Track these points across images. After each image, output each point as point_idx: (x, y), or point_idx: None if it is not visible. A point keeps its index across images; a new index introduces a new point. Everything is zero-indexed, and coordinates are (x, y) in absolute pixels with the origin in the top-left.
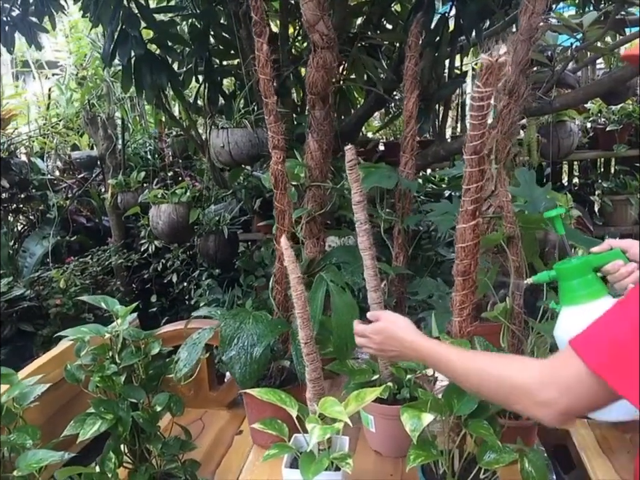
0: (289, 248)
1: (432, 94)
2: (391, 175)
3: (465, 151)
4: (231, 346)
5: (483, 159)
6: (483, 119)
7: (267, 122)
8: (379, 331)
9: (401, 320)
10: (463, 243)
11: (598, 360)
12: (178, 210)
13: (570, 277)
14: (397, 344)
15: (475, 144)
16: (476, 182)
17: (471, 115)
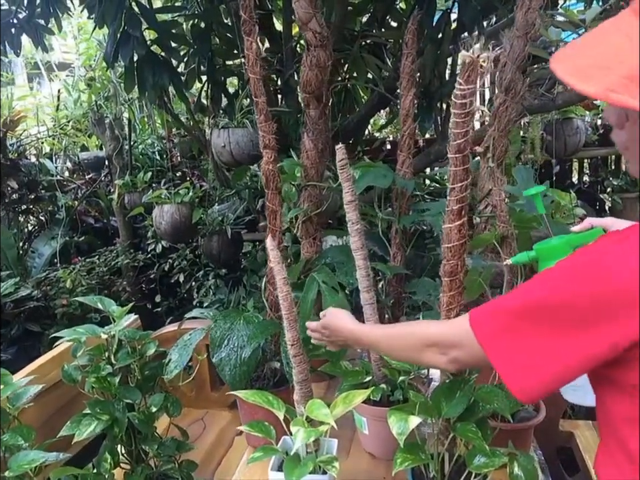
0: (274, 249)
1: (434, 91)
2: (386, 174)
3: (448, 149)
4: (221, 347)
5: (467, 158)
6: (466, 116)
7: (257, 121)
8: (325, 326)
9: (342, 313)
10: (449, 243)
11: (485, 332)
12: (181, 210)
13: (550, 257)
14: (341, 334)
15: (459, 142)
16: (461, 181)
17: (453, 112)
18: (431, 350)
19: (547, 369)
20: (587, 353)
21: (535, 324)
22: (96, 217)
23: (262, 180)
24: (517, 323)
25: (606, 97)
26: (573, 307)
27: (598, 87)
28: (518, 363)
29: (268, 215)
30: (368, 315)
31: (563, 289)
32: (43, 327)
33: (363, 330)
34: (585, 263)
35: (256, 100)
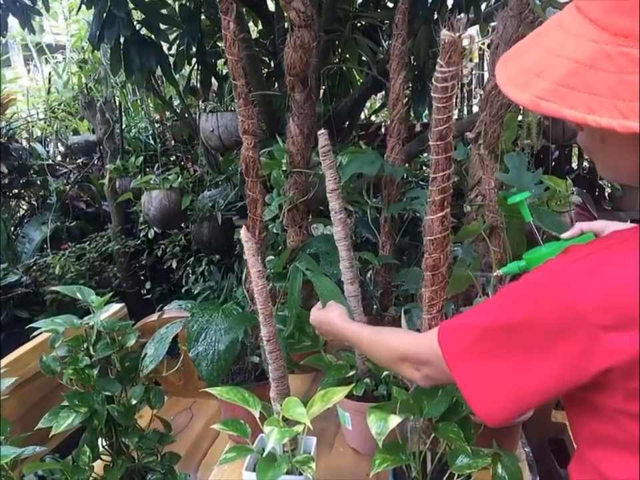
0: (249, 240)
1: (428, 74)
2: (374, 161)
3: (430, 136)
4: (198, 342)
5: (449, 145)
6: (447, 101)
7: (237, 105)
8: (315, 319)
9: (335, 308)
10: (431, 236)
11: (450, 351)
12: (169, 196)
13: None
14: (330, 328)
15: (440, 129)
16: (443, 170)
17: (434, 97)
18: (405, 363)
19: (514, 392)
20: (557, 376)
21: (501, 343)
22: (88, 202)
23: (241, 167)
24: (484, 342)
25: (536, 106)
26: (539, 326)
27: (528, 94)
28: (483, 385)
29: (248, 204)
30: (352, 307)
31: (529, 306)
32: (32, 313)
33: (349, 329)
34: (551, 278)
35: (234, 83)
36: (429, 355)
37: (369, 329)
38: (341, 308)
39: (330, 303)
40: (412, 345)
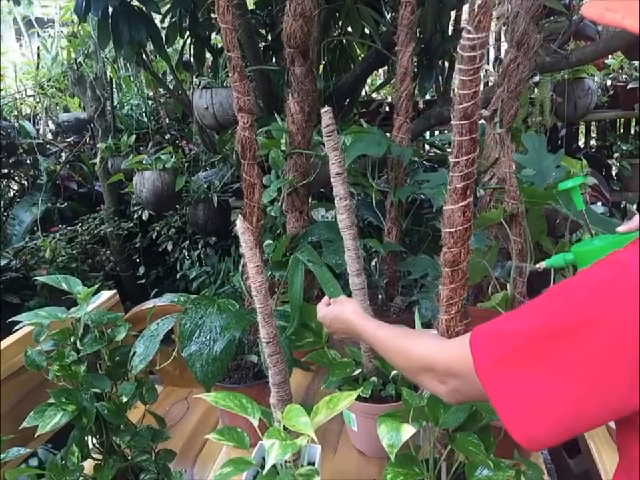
0: (246, 232)
1: (435, 48)
2: (380, 141)
3: (453, 114)
4: (192, 340)
5: (475, 125)
6: (474, 73)
7: (230, 80)
8: (325, 315)
9: (348, 303)
10: (451, 228)
11: (484, 361)
12: (163, 177)
13: (590, 262)
14: (343, 326)
15: (466, 106)
16: (467, 154)
17: (459, 69)
18: (428, 375)
19: (563, 413)
20: (621, 396)
21: (550, 352)
22: (79, 182)
23: (237, 148)
24: (527, 351)
25: (601, 17)
26: (604, 331)
27: (599, 7)
28: (524, 404)
29: (245, 189)
30: (358, 300)
31: (590, 306)
32: (22, 298)
33: (365, 327)
34: (622, 274)
35: (229, 55)
36: (457, 365)
37: (388, 329)
38: (353, 303)
39: (341, 297)
40: (438, 352)
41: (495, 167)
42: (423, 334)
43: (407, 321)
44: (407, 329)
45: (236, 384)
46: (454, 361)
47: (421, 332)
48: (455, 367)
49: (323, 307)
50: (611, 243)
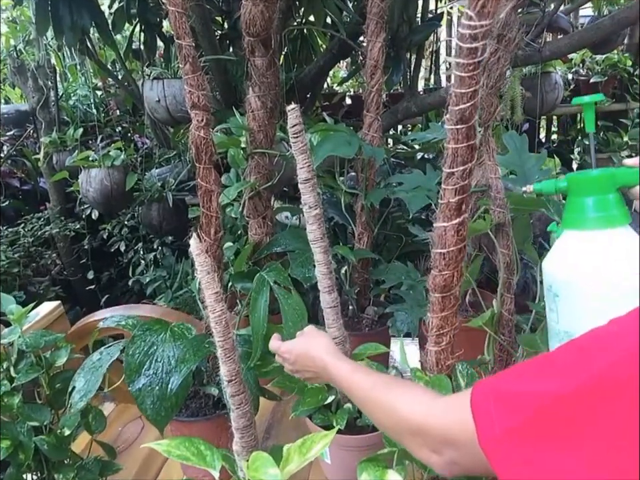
0: (201, 254)
1: (403, 39)
2: (351, 141)
3: (447, 118)
4: (141, 373)
5: (473, 130)
6: (474, 69)
7: (182, 72)
8: (291, 350)
9: (320, 338)
10: (443, 249)
11: (490, 431)
12: (112, 175)
13: (584, 192)
14: (311, 364)
15: (463, 107)
16: (463, 163)
17: (457, 63)
18: (417, 440)
19: None
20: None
21: (577, 423)
22: (22, 179)
23: (191, 151)
24: (548, 420)
25: None
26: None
27: None
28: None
29: (200, 197)
30: (330, 320)
31: (605, 373)
32: None
33: (340, 370)
34: None
35: (179, 43)
36: (455, 432)
37: (366, 374)
38: (326, 338)
39: (309, 328)
40: (431, 414)
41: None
42: (411, 386)
43: (381, 333)
44: (390, 376)
45: (193, 416)
46: (451, 427)
47: (409, 383)
48: (451, 434)
49: (276, 342)
50: (609, 176)
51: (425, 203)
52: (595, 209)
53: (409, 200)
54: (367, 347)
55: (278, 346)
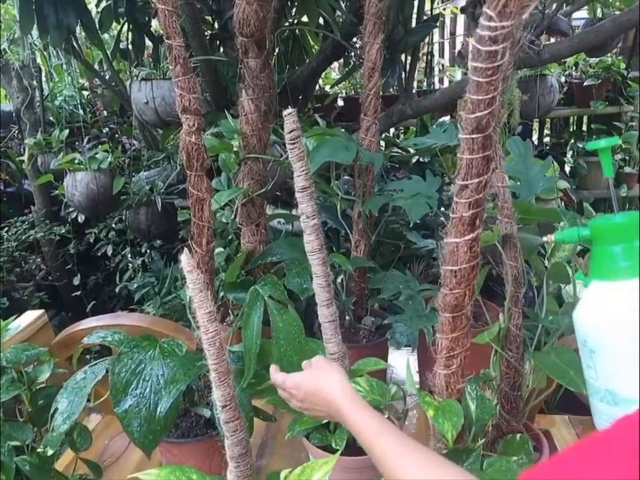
0: (193, 270)
1: (398, 41)
2: (348, 145)
3: (461, 126)
4: (127, 393)
5: (490, 140)
6: (493, 73)
7: (172, 74)
8: (299, 385)
9: (331, 373)
10: (454, 265)
11: None
12: (98, 178)
13: (610, 240)
14: (323, 404)
15: (480, 116)
16: (478, 175)
17: (475, 67)
18: None
19: None
20: None
21: None
22: (6, 182)
23: (181, 157)
24: None
25: None
26: None
27: None
28: None
29: (192, 205)
30: (329, 335)
31: None
32: None
33: (361, 426)
34: None
35: (169, 43)
36: None
37: (396, 438)
38: (339, 373)
39: (318, 360)
40: None
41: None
42: (447, 466)
43: (379, 345)
44: (421, 447)
45: (184, 437)
46: None
47: (445, 462)
48: None
49: (280, 375)
50: (635, 222)
51: (425, 211)
52: (624, 258)
53: (410, 208)
54: (367, 363)
55: (282, 380)
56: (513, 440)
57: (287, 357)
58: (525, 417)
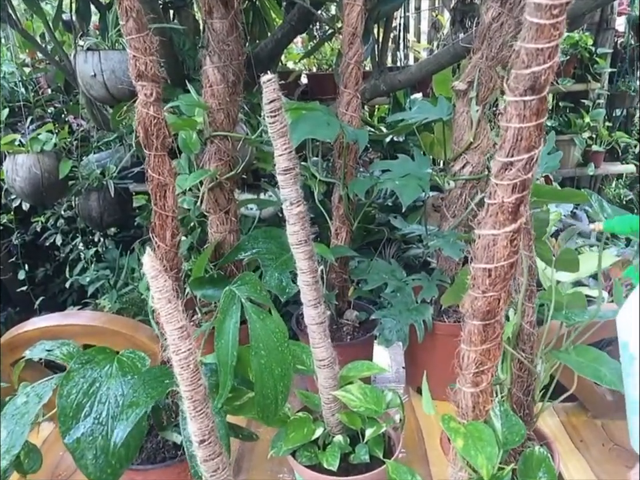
0: (159, 276)
1: (371, 10)
2: (330, 121)
3: (507, 85)
4: (79, 419)
5: (544, 104)
6: (560, 12)
7: (124, 31)
8: None
9: None
10: (489, 263)
11: None
12: (42, 162)
13: None
14: None
15: (537, 71)
16: (528, 149)
17: (536, 5)
18: None
19: None
20: None
21: None
22: None
23: (137, 134)
24: None
25: None
26: None
27: None
28: None
29: (152, 192)
30: (317, 339)
31: None
32: None
33: None
34: None
35: None
36: None
37: None
38: None
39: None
40: None
41: (468, 153)
42: None
43: (365, 343)
44: None
45: (149, 461)
46: None
47: None
48: None
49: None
50: None
51: (418, 193)
52: None
53: (401, 191)
54: (358, 367)
55: None
56: (532, 455)
57: (267, 369)
58: (536, 422)
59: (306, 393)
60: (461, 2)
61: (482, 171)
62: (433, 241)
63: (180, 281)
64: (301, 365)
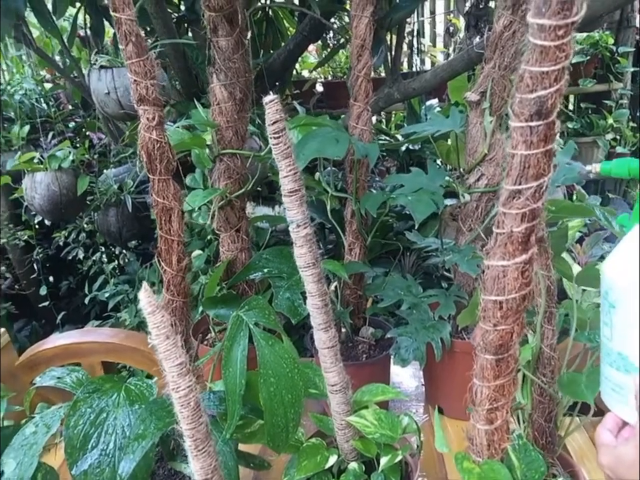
0: (156, 311)
1: (383, 17)
2: (339, 137)
3: (512, 110)
4: (86, 450)
5: (552, 129)
6: (566, 34)
7: (124, 55)
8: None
9: None
10: (499, 295)
11: None
12: (60, 179)
13: None
14: None
15: (542, 95)
16: (536, 177)
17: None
18: None
19: None
20: None
21: None
22: None
23: (141, 157)
24: None
25: None
26: None
27: None
28: None
29: (157, 216)
30: (328, 363)
31: None
32: None
33: None
34: None
35: (116, 16)
36: None
37: None
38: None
39: None
40: None
41: (483, 165)
42: None
43: (382, 362)
44: None
45: None
46: None
47: None
48: None
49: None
50: None
51: (431, 209)
52: None
53: (413, 207)
54: (373, 391)
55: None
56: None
57: (277, 396)
58: (560, 448)
59: (320, 417)
60: (475, 6)
61: (498, 182)
62: (448, 256)
63: (189, 307)
64: (314, 389)
